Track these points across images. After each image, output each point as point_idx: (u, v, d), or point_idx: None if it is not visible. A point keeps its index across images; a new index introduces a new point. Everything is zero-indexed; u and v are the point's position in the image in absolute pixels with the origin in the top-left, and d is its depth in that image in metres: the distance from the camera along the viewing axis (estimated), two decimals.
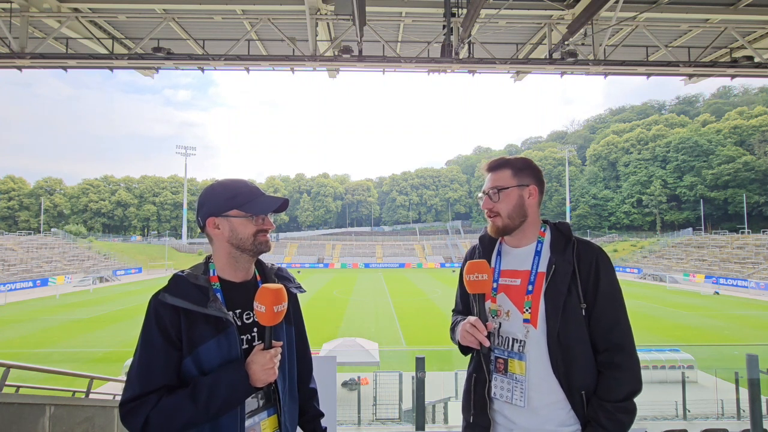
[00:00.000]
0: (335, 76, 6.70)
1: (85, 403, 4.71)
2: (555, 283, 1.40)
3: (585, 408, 1.35)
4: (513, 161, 1.53)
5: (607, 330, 1.38)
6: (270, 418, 1.33)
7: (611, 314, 1.39)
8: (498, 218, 1.49)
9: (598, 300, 1.38)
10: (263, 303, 1.20)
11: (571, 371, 1.36)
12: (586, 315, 1.38)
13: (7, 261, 42.74)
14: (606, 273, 1.41)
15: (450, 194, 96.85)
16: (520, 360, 1.42)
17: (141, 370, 1.17)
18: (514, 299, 1.47)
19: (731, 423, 7.49)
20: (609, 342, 1.37)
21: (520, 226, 1.50)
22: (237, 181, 1.35)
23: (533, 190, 1.51)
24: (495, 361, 1.48)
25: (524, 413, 1.40)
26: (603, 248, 1.47)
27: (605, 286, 1.39)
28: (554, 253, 1.45)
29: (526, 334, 1.42)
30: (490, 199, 1.50)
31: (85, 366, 13.89)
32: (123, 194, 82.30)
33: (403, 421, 9.91)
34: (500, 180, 1.50)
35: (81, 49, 6.28)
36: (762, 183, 61.46)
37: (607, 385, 1.34)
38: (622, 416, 1.31)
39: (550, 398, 1.38)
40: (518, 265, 1.51)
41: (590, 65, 5.90)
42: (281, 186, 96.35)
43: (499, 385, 1.46)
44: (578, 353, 1.37)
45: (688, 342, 17.63)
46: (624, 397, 1.32)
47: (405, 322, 22.57)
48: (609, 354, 1.37)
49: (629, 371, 1.35)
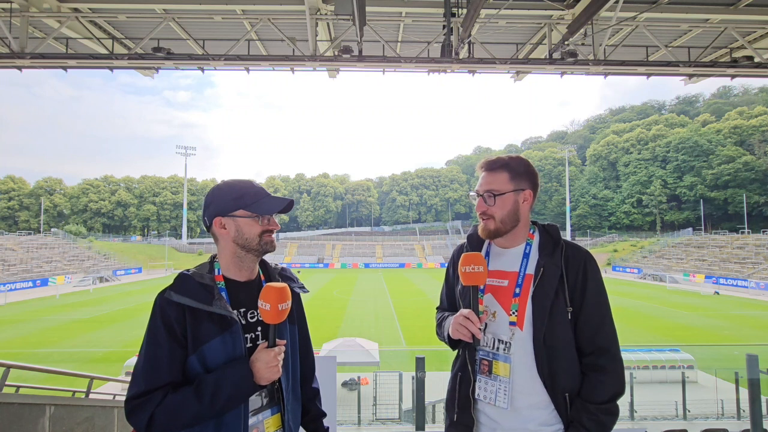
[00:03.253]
0: (335, 76, 6.70)
1: (85, 403, 4.71)
2: (543, 286, 1.40)
3: (568, 409, 1.36)
4: (511, 163, 1.51)
5: (593, 333, 1.39)
6: (273, 416, 1.34)
7: (597, 318, 1.40)
8: (491, 221, 1.48)
9: (585, 304, 1.39)
10: (268, 301, 1.20)
11: (556, 373, 1.37)
12: (572, 318, 1.39)
13: (7, 261, 42.72)
14: (593, 277, 1.42)
15: (450, 194, 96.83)
16: (506, 362, 1.42)
17: (146, 367, 1.18)
18: (501, 300, 1.48)
19: (731, 423, 7.50)
20: (594, 345, 1.39)
21: (512, 230, 1.50)
22: (243, 181, 1.36)
23: (528, 195, 1.50)
24: (480, 362, 1.48)
25: (507, 414, 1.41)
26: (596, 248, 1.46)
27: (592, 290, 1.41)
28: (542, 256, 1.45)
29: (512, 336, 1.42)
30: (485, 202, 1.48)
31: (85, 366, 13.89)
32: (123, 194, 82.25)
33: (403, 421, 9.91)
34: (496, 183, 1.48)
35: (81, 49, 6.28)
36: (762, 183, 61.48)
37: (591, 387, 1.36)
38: (604, 417, 1.33)
39: (533, 399, 1.39)
40: (506, 266, 1.51)
41: (590, 65, 5.91)
42: (281, 186, 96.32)
43: (483, 386, 1.46)
44: (563, 356, 1.38)
45: (688, 342, 17.63)
46: (608, 399, 1.34)
47: (405, 322, 22.58)
48: (594, 357, 1.38)
49: (613, 374, 1.37)
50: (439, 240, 79.97)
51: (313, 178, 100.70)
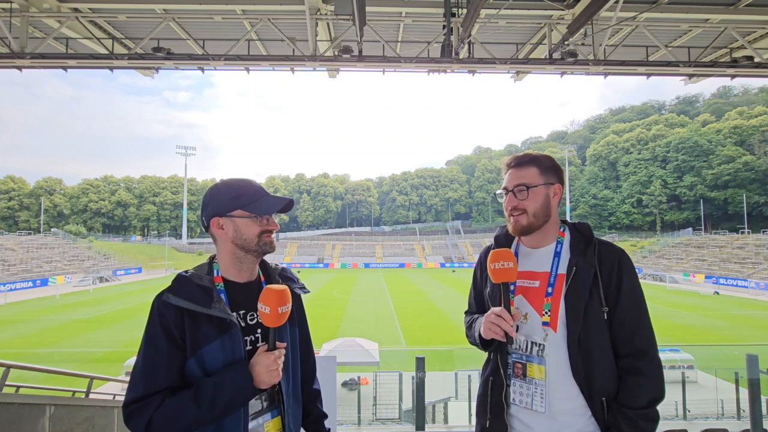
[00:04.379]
0: (335, 76, 6.70)
1: (85, 403, 4.70)
2: (576, 286, 1.35)
3: (606, 415, 1.31)
4: (540, 158, 1.47)
5: (630, 334, 1.33)
6: (274, 419, 1.32)
7: (634, 318, 1.34)
8: (523, 216, 1.43)
9: (621, 303, 1.34)
10: (268, 304, 1.19)
11: (592, 376, 1.31)
12: (607, 319, 1.34)
13: (7, 261, 42.71)
14: (629, 276, 1.36)
15: (450, 194, 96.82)
16: (540, 364, 1.37)
17: (144, 372, 1.16)
18: (532, 301, 1.43)
19: (731, 423, 7.49)
20: (631, 347, 1.33)
21: (543, 225, 1.45)
22: (241, 180, 1.33)
23: (558, 188, 1.46)
24: (513, 365, 1.44)
25: (542, 419, 1.35)
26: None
27: (628, 289, 1.35)
28: (575, 255, 1.40)
29: (545, 338, 1.37)
30: (515, 197, 1.43)
31: (85, 366, 13.88)
32: (123, 194, 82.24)
33: (403, 421, 9.90)
34: (527, 177, 1.43)
35: (81, 49, 6.28)
36: (762, 183, 61.47)
37: (628, 392, 1.30)
38: (644, 424, 1.27)
39: (569, 404, 1.34)
40: (537, 267, 1.46)
41: (590, 65, 5.90)
42: (281, 186, 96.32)
43: (517, 390, 1.41)
44: (599, 358, 1.32)
45: (688, 342, 17.62)
46: (646, 404, 1.27)
47: (405, 322, 22.57)
48: (631, 359, 1.32)
49: (651, 377, 1.30)
50: (439, 240, 79.97)
51: (313, 178, 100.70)
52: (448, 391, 10.52)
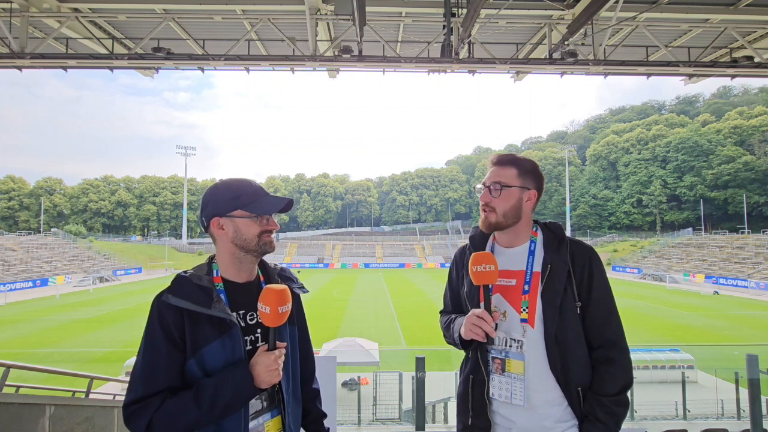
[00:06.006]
0: (335, 76, 6.70)
1: (85, 403, 4.70)
2: (552, 283, 1.42)
3: (581, 404, 1.38)
4: (521, 161, 1.52)
5: (601, 327, 1.42)
6: (274, 419, 1.32)
7: (605, 312, 1.43)
8: (492, 214, 1.49)
9: (592, 298, 1.42)
10: (267, 304, 1.19)
11: (568, 369, 1.38)
12: (580, 313, 1.42)
13: (7, 261, 42.71)
14: (599, 272, 1.45)
15: (450, 194, 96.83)
16: (519, 359, 1.43)
17: (144, 372, 1.16)
18: (510, 299, 1.48)
19: (731, 423, 7.49)
20: (603, 338, 1.41)
21: (512, 226, 1.50)
22: (241, 180, 1.33)
23: (533, 195, 1.51)
24: (492, 362, 1.49)
25: (522, 412, 1.41)
26: (596, 248, 1.48)
27: (598, 285, 1.43)
28: (549, 253, 1.47)
29: (524, 334, 1.43)
30: (489, 193, 1.49)
31: (85, 366, 13.88)
32: (123, 194, 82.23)
33: (403, 421, 9.91)
34: (504, 177, 1.49)
35: (81, 49, 6.28)
36: (762, 183, 61.47)
37: (602, 380, 1.38)
38: (618, 409, 1.35)
39: (547, 396, 1.40)
40: (513, 266, 1.51)
41: (590, 65, 5.91)
42: (281, 186, 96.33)
43: (497, 385, 1.46)
44: (575, 351, 1.40)
45: (688, 342, 17.62)
46: (619, 391, 1.36)
47: (405, 322, 22.57)
48: (603, 350, 1.41)
49: (622, 365, 1.39)
50: (439, 240, 79.95)
51: (313, 178, 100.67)
52: (448, 391, 10.51)
